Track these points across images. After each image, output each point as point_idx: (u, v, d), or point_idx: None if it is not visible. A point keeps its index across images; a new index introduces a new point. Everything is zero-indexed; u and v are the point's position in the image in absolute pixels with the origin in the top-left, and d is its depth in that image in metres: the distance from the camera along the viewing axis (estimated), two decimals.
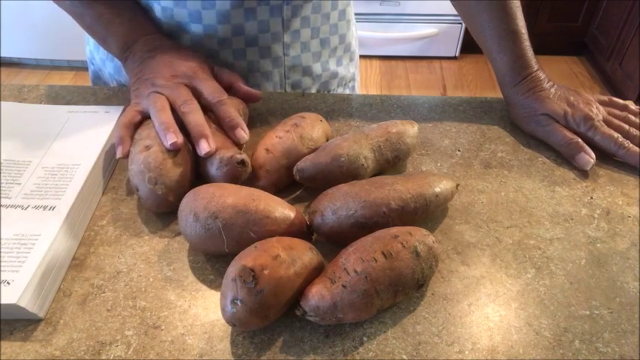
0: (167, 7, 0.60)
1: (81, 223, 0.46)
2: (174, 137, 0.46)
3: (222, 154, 0.46)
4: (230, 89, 0.56)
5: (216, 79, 0.56)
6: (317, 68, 0.70)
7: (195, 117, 0.48)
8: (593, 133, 0.55)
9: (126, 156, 0.47)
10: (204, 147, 0.46)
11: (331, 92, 0.75)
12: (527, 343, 0.38)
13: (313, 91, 0.72)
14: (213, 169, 0.46)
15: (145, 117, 0.51)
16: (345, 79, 0.76)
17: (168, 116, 0.48)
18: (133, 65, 0.55)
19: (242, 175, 0.47)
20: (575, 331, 0.38)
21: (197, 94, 0.52)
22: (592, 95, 0.59)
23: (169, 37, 0.59)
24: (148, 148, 0.47)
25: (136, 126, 0.50)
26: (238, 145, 0.50)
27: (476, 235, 0.46)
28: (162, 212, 0.47)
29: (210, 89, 0.51)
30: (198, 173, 0.49)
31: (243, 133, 0.50)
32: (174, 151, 0.47)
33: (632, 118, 0.57)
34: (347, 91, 0.78)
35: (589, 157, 0.53)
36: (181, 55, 0.55)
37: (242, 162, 0.46)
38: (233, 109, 0.51)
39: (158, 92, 0.51)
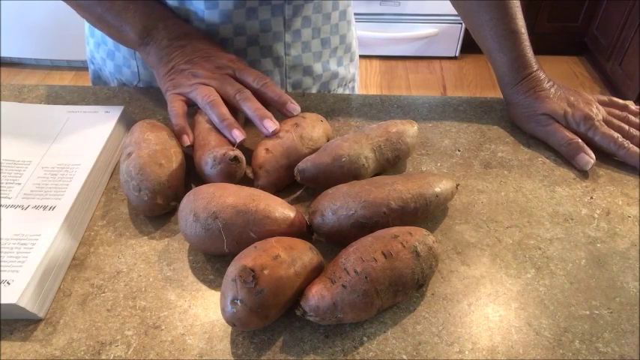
0: (170, 6, 0.60)
1: (81, 223, 0.46)
2: (241, 135, 0.49)
3: (215, 152, 0.46)
4: None
5: None
6: (318, 68, 0.70)
7: (253, 103, 0.51)
8: (593, 133, 0.55)
9: (192, 142, 0.50)
10: (270, 125, 0.49)
11: (331, 92, 0.75)
12: (527, 343, 0.38)
13: (314, 91, 0.72)
14: (207, 167, 0.46)
15: (190, 105, 0.54)
16: (346, 79, 0.76)
17: (226, 111, 0.51)
18: (160, 53, 0.55)
19: (237, 171, 0.46)
20: (575, 331, 0.39)
21: (242, 83, 0.54)
22: (592, 95, 0.59)
23: (188, 23, 0.60)
24: (129, 155, 0.47)
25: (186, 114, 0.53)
26: (232, 142, 0.50)
27: (476, 235, 0.46)
28: (159, 215, 0.47)
29: (253, 76, 0.54)
30: (194, 172, 0.49)
31: (295, 106, 0.52)
32: (154, 154, 0.46)
33: (632, 118, 0.57)
34: (347, 92, 0.78)
35: (589, 157, 0.53)
36: (212, 46, 0.57)
37: (235, 158, 0.46)
38: (278, 88, 0.53)
39: (205, 84, 0.52)
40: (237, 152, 0.46)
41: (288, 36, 0.65)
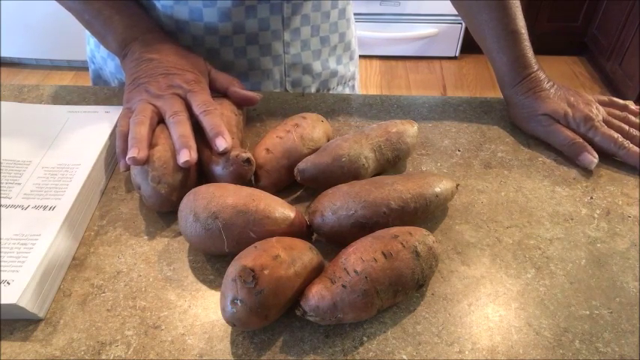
0: (167, 5, 0.60)
1: (81, 223, 0.46)
2: (134, 153, 0.45)
3: (227, 154, 0.47)
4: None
5: (213, 82, 0.56)
6: (317, 66, 0.70)
7: (180, 128, 0.48)
8: (593, 133, 0.55)
9: (127, 169, 0.47)
10: (184, 156, 0.46)
11: (331, 90, 0.75)
12: (527, 343, 0.38)
13: (313, 89, 0.72)
14: (219, 168, 0.47)
15: None
16: (345, 77, 0.76)
17: (142, 131, 0.47)
18: (130, 65, 0.55)
19: (247, 173, 0.47)
20: (575, 331, 0.39)
21: (189, 107, 0.51)
22: (592, 95, 0.59)
23: (169, 36, 0.59)
24: (153, 146, 0.47)
25: None
26: (241, 143, 0.49)
27: (476, 235, 0.46)
28: (163, 212, 0.47)
29: (199, 101, 0.51)
30: (202, 173, 0.49)
31: (223, 142, 0.47)
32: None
33: (632, 118, 0.57)
34: (347, 90, 0.78)
35: (592, 157, 0.53)
36: (180, 63, 0.54)
37: (247, 160, 0.46)
38: (217, 118, 0.49)
39: (149, 102, 0.50)
40: (249, 154, 0.47)
41: (287, 34, 0.65)
